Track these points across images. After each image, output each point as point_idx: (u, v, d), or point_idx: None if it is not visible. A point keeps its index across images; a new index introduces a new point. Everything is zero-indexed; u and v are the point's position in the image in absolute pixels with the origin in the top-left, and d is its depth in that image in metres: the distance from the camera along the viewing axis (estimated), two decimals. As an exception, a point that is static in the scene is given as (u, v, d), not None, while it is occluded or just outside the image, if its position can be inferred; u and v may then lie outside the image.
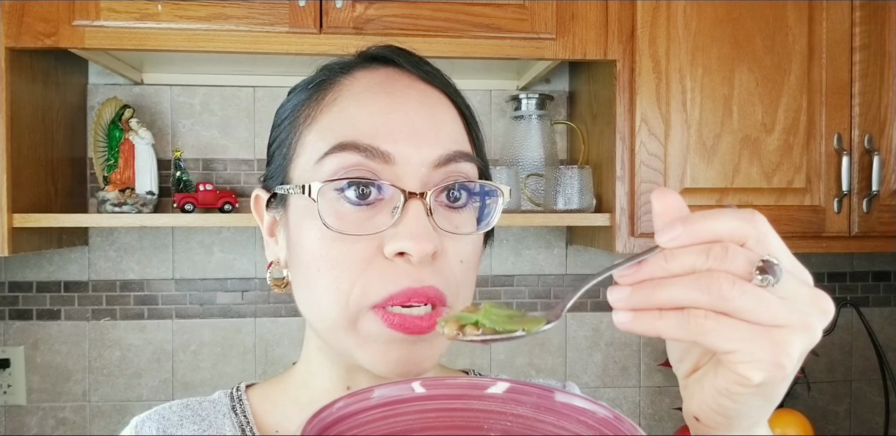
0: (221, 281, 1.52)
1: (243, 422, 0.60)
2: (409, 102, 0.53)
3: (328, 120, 0.53)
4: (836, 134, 1.27)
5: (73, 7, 1.14)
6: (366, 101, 0.53)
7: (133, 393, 1.50)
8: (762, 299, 0.34)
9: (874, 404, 1.67)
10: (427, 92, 0.55)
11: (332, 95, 0.54)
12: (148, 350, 1.51)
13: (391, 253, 0.48)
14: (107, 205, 1.32)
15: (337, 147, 0.50)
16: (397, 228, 0.48)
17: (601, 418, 0.38)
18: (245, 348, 1.53)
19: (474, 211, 0.54)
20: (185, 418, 0.60)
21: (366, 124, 0.51)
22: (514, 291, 1.59)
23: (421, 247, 0.47)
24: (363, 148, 0.50)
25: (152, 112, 1.49)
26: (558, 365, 1.60)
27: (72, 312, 1.49)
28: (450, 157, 0.52)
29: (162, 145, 1.48)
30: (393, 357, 0.49)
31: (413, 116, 0.52)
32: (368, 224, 0.50)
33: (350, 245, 0.49)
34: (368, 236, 0.49)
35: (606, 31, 1.25)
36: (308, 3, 1.16)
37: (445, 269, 0.50)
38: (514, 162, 1.45)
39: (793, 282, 0.35)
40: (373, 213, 0.50)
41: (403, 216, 0.48)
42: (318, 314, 0.52)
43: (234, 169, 1.52)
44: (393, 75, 0.55)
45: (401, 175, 0.50)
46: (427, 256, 0.48)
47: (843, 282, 1.67)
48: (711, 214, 0.35)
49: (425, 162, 0.51)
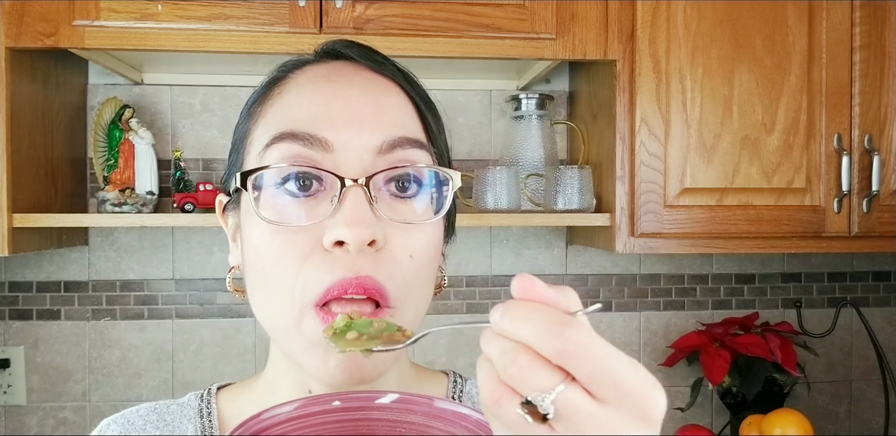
0: (221, 281, 1.52)
1: (206, 426, 0.59)
2: (350, 89, 0.51)
3: (271, 113, 0.52)
4: (836, 134, 1.27)
5: (73, 7, 1.14)
6: (307, 92, 0.52)
7: (133, 393, 1.50)
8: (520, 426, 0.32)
9: (874, 404, 1.67)
10: (374, 80, 0.53)
11: (278, 90, 0.53)
12: (148, 350, 1.51)
13: (329, 243, 0.46)
14: (107, 205, 1.32)
15: (276, 138, 0.49)
16: (335, 216, 0.46)
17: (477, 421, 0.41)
18: (245, 348, 1.53)
19: (430, 203, 0.51)
20: (150, 423, 0.60)
21: (305, 113, 0.50)
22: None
23: (356, 233, 0.45)
24: (301, 136, 0.48)
25: (152, 112, 1.49)
26: (558, 365, 1.60)
27: (72, 312, 1.49)
28: (394, 142, 0.49)
29: (162, 145, 1.48)
30: (332, 362, 0.47)
31: (354, 102, 0.50)
32: (309, 215, 0.48)
33: (291, 238, 0.48)
34: (308, 228, 0.47)
35: (606, 31, 1.25)
36: (308, 3, 1.16)
37: (389, 262, 0.48)
38: (514, 162, 1.45)
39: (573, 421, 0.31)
40: (314, 203, 0.48)
41: (341, 204, 0.46)
42: (270, 316, 0.50)
43: (234, 169, 1.51)
44: (340, 67, 0.54)
45: (341, 163, 0.48)
46: (363, 244, 0.45)
47: (843, 282, 1.67)
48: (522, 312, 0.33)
49: (367, 148, 0.49)
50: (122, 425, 0.60)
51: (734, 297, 1.64)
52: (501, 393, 0.32)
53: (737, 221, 1.25)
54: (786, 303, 1.65)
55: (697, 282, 1.64)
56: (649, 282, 1.62)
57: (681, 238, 1.26)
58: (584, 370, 0.31)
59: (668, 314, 1.63)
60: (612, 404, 0.31)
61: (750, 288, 1.65)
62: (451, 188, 0.51)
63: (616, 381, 0.31)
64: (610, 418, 0.31)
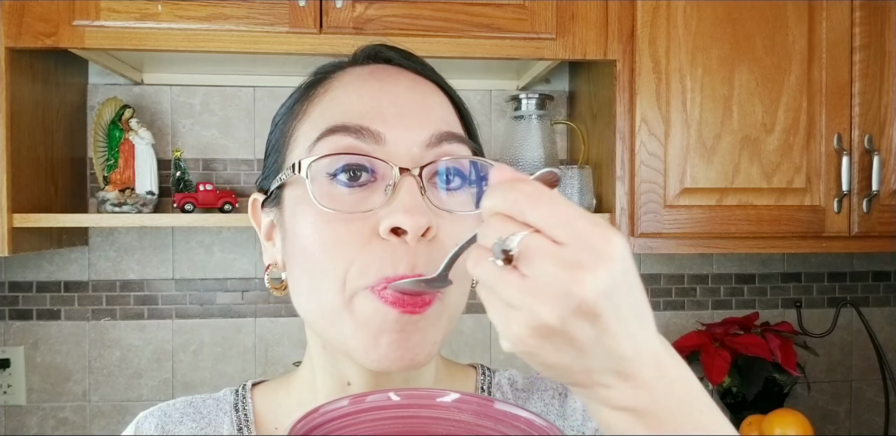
0: (221, 281, 1.52)
1: (242, 420, 0.60)
2: (398, 87, 0.53)
3: (318, 110, 0.53)
4: (836, 134, 1.27)
5: (73, 7, 1.14)
6: (355, 88, 0.53)
7: (133, 393, 1.50)
8: (496, 279, 0.35)
9: (874, 404, 1.67)
10: (417, 79, 0.55)
11: (323, 89, 0.55)
12: (148, 350, 1.51)
13: (385, 230, 0.47)
14: (107, 205, 1.32)
15: (327, 131, 0.50)
16: (391, 204, 0.48)
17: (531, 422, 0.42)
18: (245, 348, 1.53)
19: (471, 197, 0.53)
20: (186, 416, 0.61)
21: (355, 108, 0.51)
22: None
23: (415, 220, 0.46)
24: (353, 129, 0.50)
25: (152, 112, 1.49)
26: (558, 365, 1.60)
27: (72, 312, 1.49)
28: (441, 136, 0.51)
29: (162, 145, 1.48)
30: (383, 342, 0.48)
31: (402, 97, 0.52)
32: (362, 205, 0.49)
33: (345, 226, 0.49)
34: (363, 216, 0.48)
35: (606, 31, 1.25)
36: (308, 3, 1.16)
37: (440, 252, 0.48)
38: (514, 162, 1.44)
39: (536, 261, 0.34)
40: (366, 194, 0.49)
41: (396, 192, 0.48)
42: (317, 302, 0.51)
43: (234, 169, 1.52)
44: (383, 67, 0.56)
45: (392, 155, 0.49)
46: (421, 231, 0.47)
47: (843, 282, 1.67)
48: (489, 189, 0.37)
49: (416, 141, 0.50)
50: (158, 417, 0.61)
51: (734, 297, 1.64)
52: (480, 254, 0.36)
53: (737, 221, 1.25)
54: (786, 303, 1.65)
55: (697, 282, 1.64)
56: (649, 282, 1.62)
57: (681, 238, 1.26)
58: (537, 216, 0.34)
59: (668, 314, 1.63)
60: (569, 244, 0.34)
61: (750, 288, 1.65)
62: None
63: (567, 223, 0.34)
64: (569, 254, 0.33)
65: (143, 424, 0.61)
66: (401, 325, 0.48)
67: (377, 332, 0.48)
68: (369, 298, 0.48)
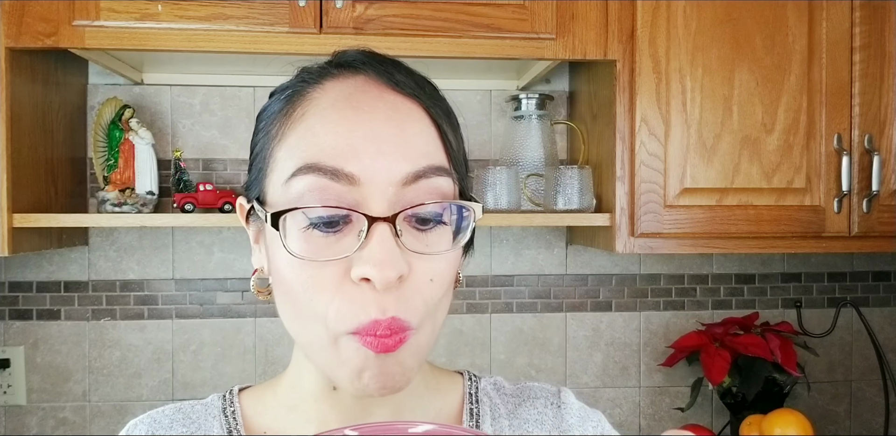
0: (221, 281, 1.52)
1: (232, 424, 0.61)
2: (375, 117, 0.51)
3: (295, 138, 0.52)
4: (836, 134, 1.27)
5: (73, 7, 1.14)
6: (331, 118, 0.51)
7: (133, 393, 1.50)
8: None
9: (874, 404, 1.67)
10: (396, 103, 0.53)
11: (301, 110, 0.53)
12: (148, 350, 1.51)
13: (356, 278, 0.48)
14: (107, 205, 1.32)
15: (303, 168, 0.50)
16: (362, 252, 0.48)
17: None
18: (245, 347, 1.53)
19: (451, 225, 0.53)
20: (176, 422, 0.62)
21: (330, 144, 0.50)
22: (514, 292, 1.59)
23: (384, 274, 0.47)
24: (327, 170, 0.49)
25: (152, 112, 1.49)
26: (558, 365, 1.60)
27: (72, 312, 1.49)
28: (419, 173, 0.50)
29: (162, 145, 1.48)
30: (366, 376, 0.50)
31: (379, 132, 0.50)
32: (336, 247, 0.49)
33: (319, 270, 0.49)
34: (336, 262, 0.49)
35: (606, 31, 1.25)
36: (308, 3, 1.16)
37: (412, 292, 0.50)
38: (514, 162, 1.45)
39: None
40: (340, 236, 0.50)
41: (368, 241, 0.48)
42: (303, 333, 0.53)
43: (234, 169, 1.52)
44: (361, 86, 0.53)
45: (367, 196, 0.49)
46: (390, 282, 0.48)
47: (843, 282, 1.67)
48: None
49: (392, 181, 0.49)
50: (148, 424, 0.62)
51: (734, 297, 1.64)
52: None
53: (737, 221, 1.25)
54: (786, 303, 1.65)
55: (697, 282, 1.64)
56: (649, 282, 1.62)
57: (681, 238, 1.26)
58: None
59: (668, 314, 1.63)
60: None
61: (750, 288, 1.65)
62: (473, 218, 0.53)
63: None
64: None
65: (133, 432, 0.61)
66: (380, 361, 0.49)
67: (360, 369, 0.50)
68: (352, 341, 0.49)
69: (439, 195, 0.51)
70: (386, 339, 0.48)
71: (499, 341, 1.59)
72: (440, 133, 0.54)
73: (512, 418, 0.64)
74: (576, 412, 0.65)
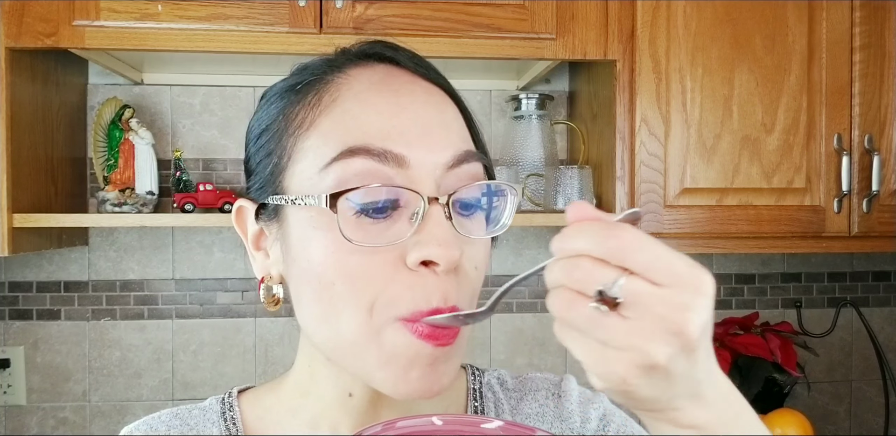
0: (221, 281, 1.52)
1: (231, 429, 0.59)
2: (416, 101, 0.50)
3: (330, 123, 0.49)
4: (836, 134, 1.27)
5: (73, 7, 1.14)
6: (371, 101, 0.49)
7: (133, 393, 1.50)
8: (594, 322, 0.35)
9: (874, 404, 1.67)
10: (430, 89, 0.53)
11: (330, 96, 0.51)
12: (148, 350, 1.51)
13: (415, 262, 0.46)
14: (107, 205, 1.32)
15: (346, 152, 0.47)
16: (420, 235, 0.46)
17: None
18: (245, 347, 1.53)
19: (482, 213, 0.51)
20: (173, 428, 0.60)
21: (375, 126, 0.48)
22: (514, 292, 1.59)
23: (449, 254, 0.45)
24: (376, 152, 0.47)
25: (152, 112, 1.49)
26: (558, 365, 1.60)
27: (72, 312, 1.49)
28: (461, 157, 0.49)
29: (162, 145, 1.48)
30: (414, 376, 0.47)
31: (422, 115, 0.49)
32: (387, 233, 0.47)
33: (370, 256, 0.46)
34: (389, 248, 0.46)
35: (606, 31, 1.25)
36: (308, 3, 1.16)
37: (464, 279, 0.48)
38: (514, 162, 1.45)
39: (641, 304, 0.35)
40: (391, 221, 0.47)
41: (425, 223, 0.46)
42: (335, 330, 0.49)
43: (234, 169, 1.52)
44: (392, 72, 0.53)
45: (416, 179, 0.47)
46: (455, 263, 0.46)
47: (843, 282, 1.67)
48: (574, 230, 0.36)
49: (439, 164, 0.48)
50: (144, 431, 0.59)
51: (734, 297, 1.64)
52: (571, 297, 0.36)
53: (737, 221, 1.25)
54: (786, 303, 1.65)
55: (697, 282, 1.63)
56: (649, 282, 1.62)
57: (681, 238, 1.26)
58: (639, 261, 0.35)
59: (668, 314, 1.63)
60: (670, 285, 0.35)
61: (750, 288, 1.65)
62: (513, 201, 0.52)
63: (667, 266, 0.35)
64: (671, 296, 0.35)
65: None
66: (433, 358, 0.47)
67: (408, 366, 0.47)
68: (401, 332, 0.47)
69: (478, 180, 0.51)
70: (442, 330, 0.46)
71: (499, 341, 1.59)
72: (467, 120, 0.54)
73: (515, 413, 0.63)
74: (575, 399, 0.65)
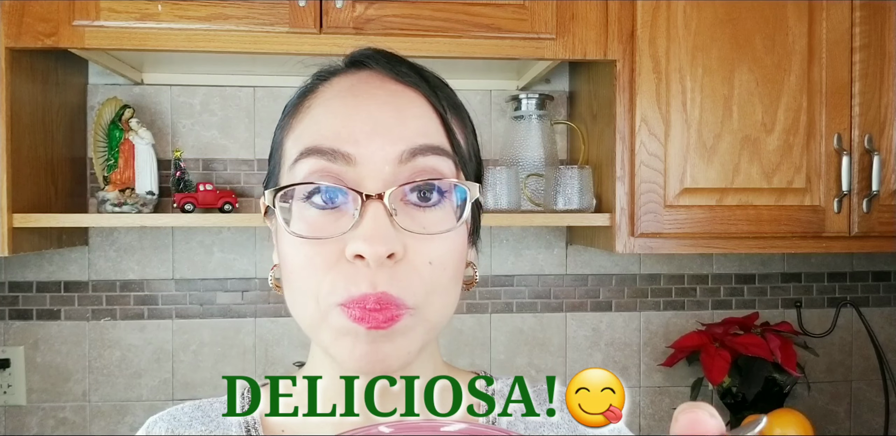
0: (221, 281, 1.52)
1: (250, 422, 0.61)
2: (373, 102, 0.53)
3: (301, 127, 0.55)
4: (836, 134, 1.27)
5: (73, 7, 1.14)
6: (332, 106, 0.54)
7: (133, 393, 1.50)
8: None
9: (874, 404, 1.67)
10: (396, 91, 0.55)
11: (308, 103, 0.56)
12: (148, 350, 1.51)
13: (349, 255, 0.49)
14: (107, 205, 1.32)
15: (303, 153, 0.52)
16: (355, 230, 0.49)
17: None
18: (245, 348, 1.53)
19: (452, 209, 0.53)
20: (195, 419, 0.62)
21: (329, 128, 0.52)
22: (514, 292, 1.59)
23: (374, 250, 0.48)
24: (325, 151, 0.51)
25: (152, 112, 1.49)
26: (558, 365, 1.60)
27: (72, 312, 1.49)
28: (415, 151, 0.51)
29: (162, 145, 1.48)
30: (358, 353, 0.50)
31: (376, 114, 0.52)
32: (333, 227, 0.50)
33: (317, 248, 0.51)
34: (333, 240, 0.50)
35: (606, 31, 1.25)
36: (308, 3, 1.16)
37: (408, 271, 0.50)
38: (514, 162, 1.45)
39: None
40: (338, 215, 0.51)
41: (361, 219, 0.49)
42: (299, 314, 0.54)
43: (234, 169, 1.52)
44: (365, 78, 0.56)
45: (363, 176, 0.51)
46: (381, 259, 0.48)
47: (843, 282, 1.67)
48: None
49: (388, 159, 0.51)
50: (168, 421, 0.62)
51: (734, 297, 1.64)
52: None
53: (737, 221, 1.25)
54: (786, 303, 1.65)
55: (697, 282, 1.64)
56: (649, 282, 1.62)
57: (681, 238, 1.26)
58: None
59: (668, 314, 1.63)
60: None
61: (750, 288, 1.65)
62: (470, 199, 0.53)
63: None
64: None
65: (153, 428, 0.62)
66: (370, 338, 0.50)
67: (351, 345, 0.50)
68: (340, 315, 0.50)
69: (436, 175, 0.52)
70: (376, 313, 0.49)
71: (499, 341, 1.59)
72: (441, 118, 0.55)
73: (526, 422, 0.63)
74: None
